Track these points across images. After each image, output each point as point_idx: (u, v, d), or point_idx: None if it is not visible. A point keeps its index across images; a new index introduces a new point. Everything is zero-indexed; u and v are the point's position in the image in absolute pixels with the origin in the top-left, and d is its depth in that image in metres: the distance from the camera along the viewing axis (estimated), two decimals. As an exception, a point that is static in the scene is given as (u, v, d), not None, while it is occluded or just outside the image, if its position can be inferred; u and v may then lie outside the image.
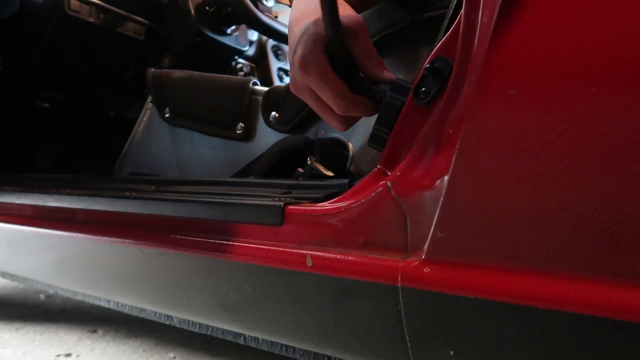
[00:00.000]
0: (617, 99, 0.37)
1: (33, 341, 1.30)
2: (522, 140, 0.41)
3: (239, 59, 1.64)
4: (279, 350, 0.75)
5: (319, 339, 0.60)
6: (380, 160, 0.54)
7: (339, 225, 0.55)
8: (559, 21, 0.39)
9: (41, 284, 1.15)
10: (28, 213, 0.98)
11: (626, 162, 0.37)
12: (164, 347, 1.25)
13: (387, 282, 0.49)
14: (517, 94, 0.41)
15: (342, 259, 0.54)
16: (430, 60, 0.50)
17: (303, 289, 0.58)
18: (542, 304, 0.41)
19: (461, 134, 0.44)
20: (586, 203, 0.38)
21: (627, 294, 0.37)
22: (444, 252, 0.46)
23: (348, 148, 0.78)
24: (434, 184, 0.47)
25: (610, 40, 0.37)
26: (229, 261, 0.64)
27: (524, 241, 0.42)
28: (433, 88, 0.49)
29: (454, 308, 0.46)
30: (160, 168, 1.10)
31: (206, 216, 0.68)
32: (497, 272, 0.43)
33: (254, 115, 0.93)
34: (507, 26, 0.42)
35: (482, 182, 0.43)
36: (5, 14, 1.25)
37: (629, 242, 0.37)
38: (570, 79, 0.39)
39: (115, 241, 0.78)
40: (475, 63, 0.44)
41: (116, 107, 1.59)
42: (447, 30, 0.50)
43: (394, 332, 0.51)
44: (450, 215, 0.45)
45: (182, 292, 0.75)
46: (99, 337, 1.33)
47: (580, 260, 0.39)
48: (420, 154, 0.49)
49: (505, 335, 0.43)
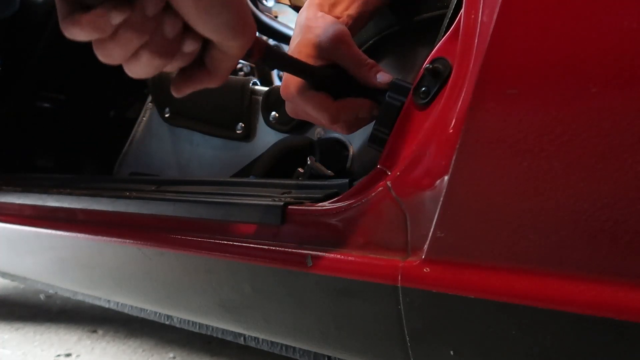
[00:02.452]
0: (617, 99, 0.37)
1: (33, 341, 1.30)
2: (522, 140, 0.41)
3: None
4: (279, 350, 0.75)
5: (319, 339, 0.60)
6: (380, 160, 0.54)
7: (339, 225, 0.55)
8: (559, 21, 0.39)
9: (41, 284, 1.15)
10: (28, 213, 0.98)
11: (626, 162, 0.37)
12: (164, 347, 1.25)
13: (387, 282, 0.49)
14: (516, 94, 0.41)
15: (342, 258, 0.54)
16: (430, 60, 0.50)
17: (303, 289, 0.58)
18: (542, 304, 0.41)
19: (461, 133, 0.44)
20: (586, 203, 0.38)
21: (627, 294, 0.37)
22: (444, 252, 0.46)
23: (348, 148, 0.78)
24: (434, 184, 0.47)
25: (610, 40, 0.37)
26: (229, 261, 0.64)
27: (524, 241, 0.41)
28: (433, 88, 0.49)
29: (454, 308, 0.46)
30: (160, 168, 1.10)
31: (206, 216, 0.68)
32: (497, 272, 0.43)
33: (254, 115, 0.93)
34: (507, 26, 0.42)
35: (482, 182, 0.43)
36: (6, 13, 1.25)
37: (629, 242, 0.37)
38: (570, 79, 0.39)
39: (115, 241, 0.78)
40: (475, 63, 0.44)
41: (116, 107, 1.59)
42: (447, 30, 0.50)
43: (394, 332, 0.51)
44: (450, 215, 0.45)
45: (182, 292, 0.75)
46: (99, 337, 1.33)
47: (580, 260, 0.39)
48: (420, 154, 0.49)
49: (505, 335, 0.43)
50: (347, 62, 0.59)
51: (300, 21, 0.62)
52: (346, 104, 0.59)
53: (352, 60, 0.59)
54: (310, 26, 0.60)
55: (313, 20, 0.60)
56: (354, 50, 0.59)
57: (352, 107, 0.59)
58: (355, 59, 0.59)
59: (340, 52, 0.58)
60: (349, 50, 0.59)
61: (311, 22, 0.60)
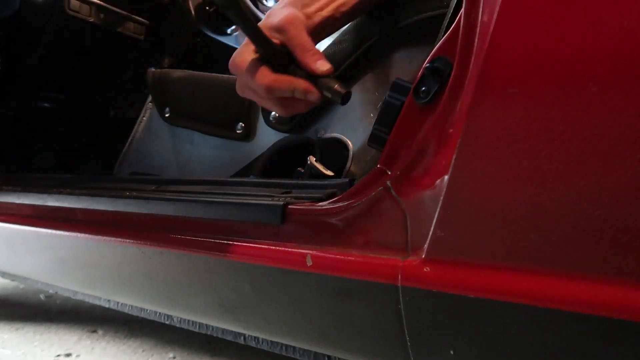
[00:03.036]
0: (617, 98, 0.37)
1: (33, 341, 1.30)
2: (522, 139, 0.41)
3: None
4: (279, 350, 0.75)
5: (319, 338, 0.60)
6: (380, 160, 0.53)
7: (339, 224, 0.55)
8: (559, 20, 0.39)
9: (41, 284, 1.15)
10: (28, 213, 0.98)
11: (626, 161, 0.37)
12: (164, 347, 1.25)
13: (387, 282, 0.49)
14: (517, 93, 0.41)
15: (342, 258, 0.54)
16: (430, 59, 0.50)
17: (303, 288, 0.58)
18: (542, 303, 0.41)
19: (461, 133, 0.44)
20: (586, 202, 0.38)
21: (628, 293, 0.37)
22: (444, 252, 0.46)
23: (348, 148, 0.78)
24: (434, 184, 0.47)
25: (611, 39, 0.37)
26: (229, 261, 0.64)
27: (524, 240, 0.41)
28: (433, 87, 0.49)
29: (454, 307, 0.46)
30: (160, 168, 1.10)
31: (206, 216, 0.68)
32: (497, 271, 0.43)
33: (254, 115, 0.93)
34: (507, 25, 0.42)
35: (482, 181, 0.43)
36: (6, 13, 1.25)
37: (629, 241, 0.37)
38: (570, 78, 0.39)
39: (115, 241, 0.78)
40: (475, 62, 0.44)
41: (116, 107, 1.59)
42: (447, 30, 0.50)
43: (394, 331, 0.51)
44: (450, 215, 0.45)
45: (182, 292, 0.75)
46: (99, 337, 1.33)
47: (581, 259, 0.39)
48: (420, 154, 0.49)
49: (506, 334, 0.43)
50: (293, 45, 0.63)
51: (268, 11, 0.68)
52: (283, 78, 0.63)
53: (298, 43, 0.63)
54: (270, 13, 0.66)
55: (276, 9, 0.66)
56: (301, 35, 0.63)
57: (289, 83, 0.62)
58: (300, 42, 0.63)
59: (288, 35, 0.63)
60: (297, 34, 0.63)
61: (273, 10, 0.66)
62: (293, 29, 0.63)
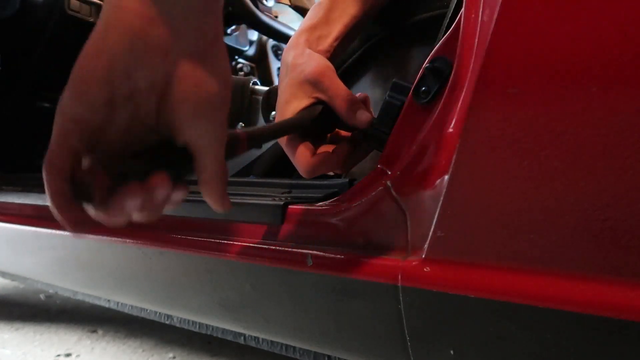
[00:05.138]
0: (617, 98, 0.37)
1: (33, 341, 1.30)
2: (522, 139, 0.41)
3: (239, 59, 1.64)
4: (279, 350, 0.75)
5: (319, 338, 0.60)
6: (380, 160, 0.54)
7: (339, 224, 0.55)
8: (559, 20, 0.39)
9: (41, 284, 1.15)
10: (28, 213, 0.98)
11: (626, 161, 0.37)
12: (164, 347, 1.25)
13: (388, 282, 0.49)
14: (517, 93, 0.41)
15: (342, 258, 0.54)
16: (430, 59, 0.50)
17: (303, 288, 0.58)
18: (542, 303, 0.41)
19: (461, 133, 0.44)
20: (586, 202, 0.38)
21: (628, 293, 0.37)
22: (445, 252, 0.46)
23: (348, 148, 0.78)
24: (434, 184, 0.47)
25: (611, 39, 0.37)
26: (229, 260, 0.64)
27: (524, 240, 0.41)
28: (433, 87, 0.49)
29: (454, 307, 0.46)
30: (160, 168, 1.09)
31: (206, 216, 0.68)
32: (497, 271, 0.43)
33: (254, 115, 0.93)
34: (507, 25, 0.42)
35: (483, 181, 0.43)
36: (6, 13, 1.25)
37: (629, 241, 0.37)
38: (570, 78, 0.39)
39: (115, 241, 0.78)
40: (475, 62, 0.44)
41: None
42: (447, 30, 0.50)
43: (394, 331, 0.51)
44: (450, 215, 0.45)
45: (182, 292, 0.75)
46: (99, 337, 1.33)
47: (581, 259, 0.39)
48: (420, 154, 0.49)
49: (506, 334, 0.43)
50: (330, 96, 0.60)
51: (287, 60, 0.64)
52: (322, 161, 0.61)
53: (335, 94, 0.60)
54: (296, 64, 0.62)
55: (299, 58, 0.63)
56: (336, 85, 0.61)
57: (327, 164, 0.61)
58: (337, 93, 0.60)
59: (323, 86, 0.60)
60: (331, 85, 0.60)
61: (297, 59, 0.62)
62: (327, 80, 0.60)
